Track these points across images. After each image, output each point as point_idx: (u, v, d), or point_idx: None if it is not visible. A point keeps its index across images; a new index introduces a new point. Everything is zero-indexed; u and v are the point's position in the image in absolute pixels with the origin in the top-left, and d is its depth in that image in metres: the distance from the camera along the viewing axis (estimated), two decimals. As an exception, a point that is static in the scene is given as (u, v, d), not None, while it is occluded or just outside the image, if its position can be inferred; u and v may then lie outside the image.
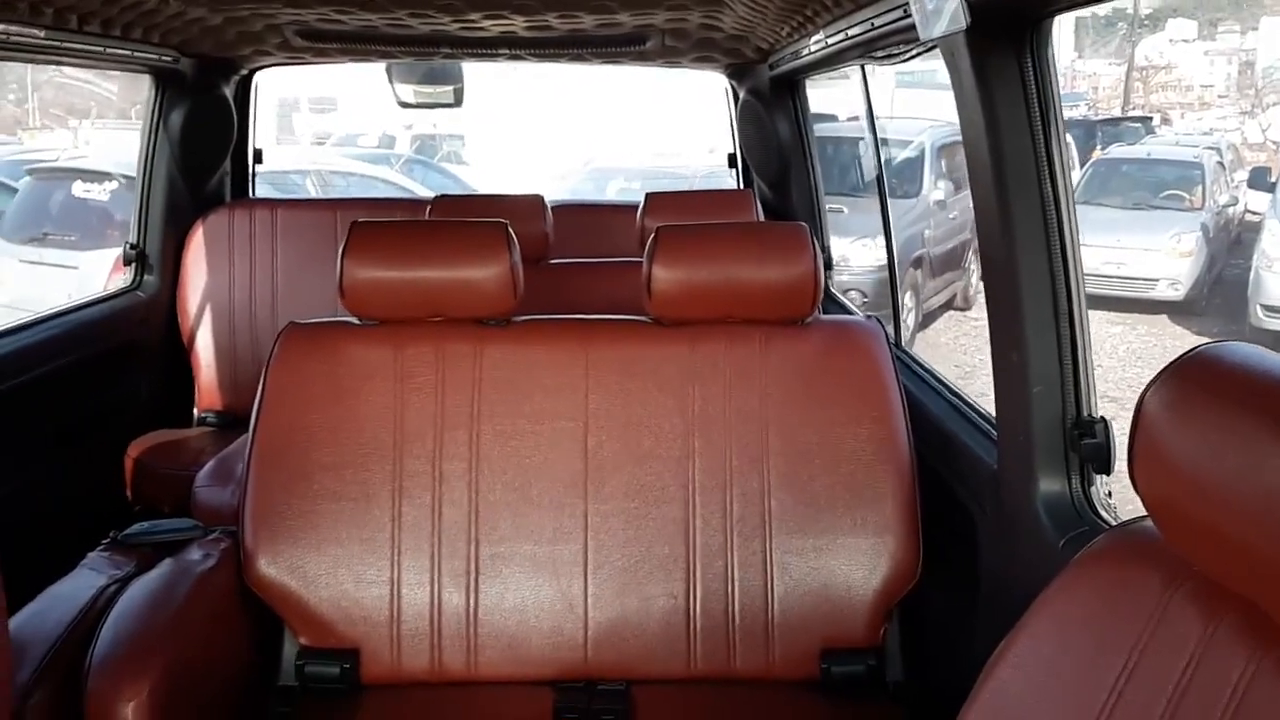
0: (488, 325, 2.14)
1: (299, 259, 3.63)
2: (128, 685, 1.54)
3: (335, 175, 8.66)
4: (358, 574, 2.01)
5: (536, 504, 2.06)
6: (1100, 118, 18.46)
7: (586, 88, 15.96)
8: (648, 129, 15.95)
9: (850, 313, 3.49)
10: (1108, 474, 1.70)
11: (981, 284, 1.86)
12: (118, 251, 6.50)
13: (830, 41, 2.49)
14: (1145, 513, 1.10)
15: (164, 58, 3.25)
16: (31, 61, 2.85)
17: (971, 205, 1.79)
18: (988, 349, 1.85)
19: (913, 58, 2.25)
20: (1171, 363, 1.07)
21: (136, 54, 3.08)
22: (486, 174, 13.20)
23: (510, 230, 2.13)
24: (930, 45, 1.79)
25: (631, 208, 3.41)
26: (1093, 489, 1.72)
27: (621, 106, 16.37)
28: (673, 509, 2.06)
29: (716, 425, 2.08)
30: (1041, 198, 1.64)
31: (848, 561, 2.03)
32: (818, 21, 2.51)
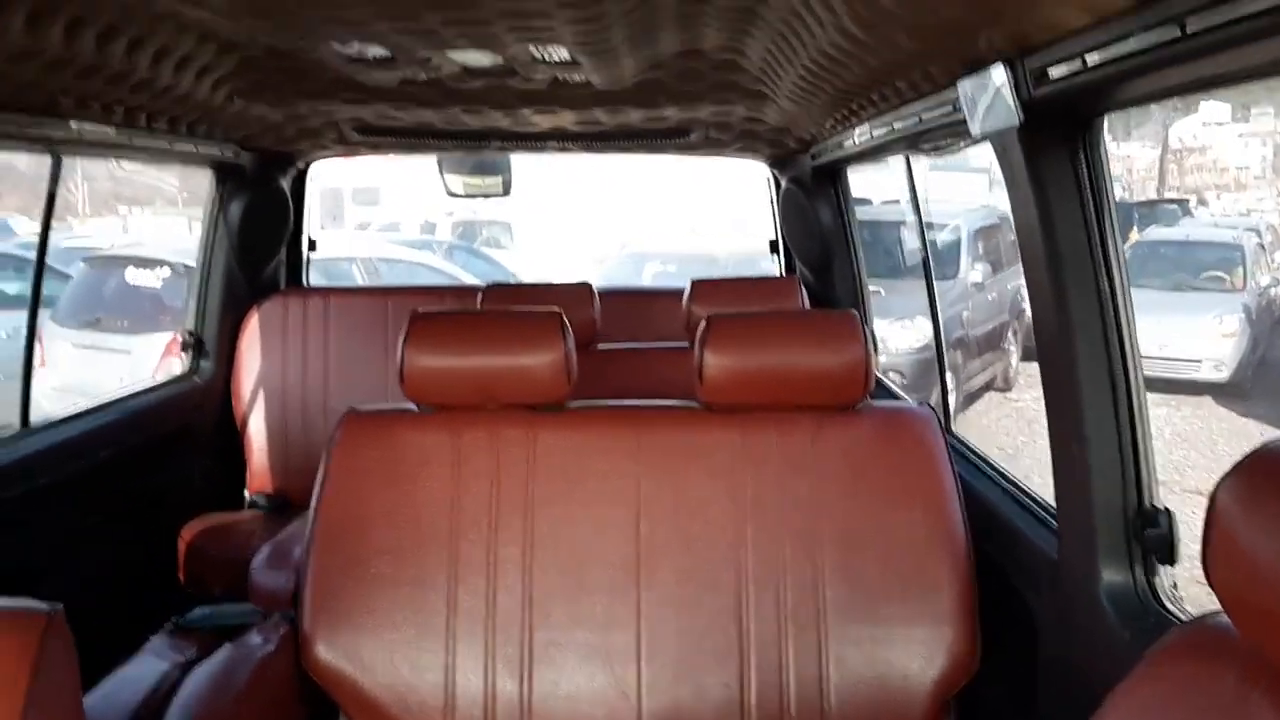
0: (542, 411, 2.17)
1: (350, 346, 3.70)
2: None
3: (381, 262, 8.83)
4: (413, 660, 2.02)
5: (590, 591, 2.06)
6: (1137, 200, 18.48)
7: (621, 172, 16.24)
8: (682, 211, 16.16)
9: (897, 397, 3.50)
10: (1172, 565, 1.69)
11: (1021, 365, 1.87)
12: (168, 336, 6.69)
13: (876, 134, 2.54)
14: (1218, 607, 1.10)
15: (225, 152, 3.37)
16: (101, 157, 2.97)
17: (1008, 287, 1.81)
18: (1030, 430, 1.86)
19: (960, 150, 2.29)
20: (1244, 458, 1.07)
21: (200, 149, 3.20)
22: (526, 258, 13.40)
23: (564, 319, 2.17)
24: (979, 139, 1.83)
25: (675, 293, 3.46)
26: (1157, 580, 1.70)
27: (655, 190, 16.62)
28: (726, 597, 2.05)
29: (769, 512, 2.08)
30: (1098, 290, 1.65)
31: (904, 652, 2.01)
32: (863, 115, 2.57)
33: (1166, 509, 1.68)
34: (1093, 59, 1.30)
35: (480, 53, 2.42)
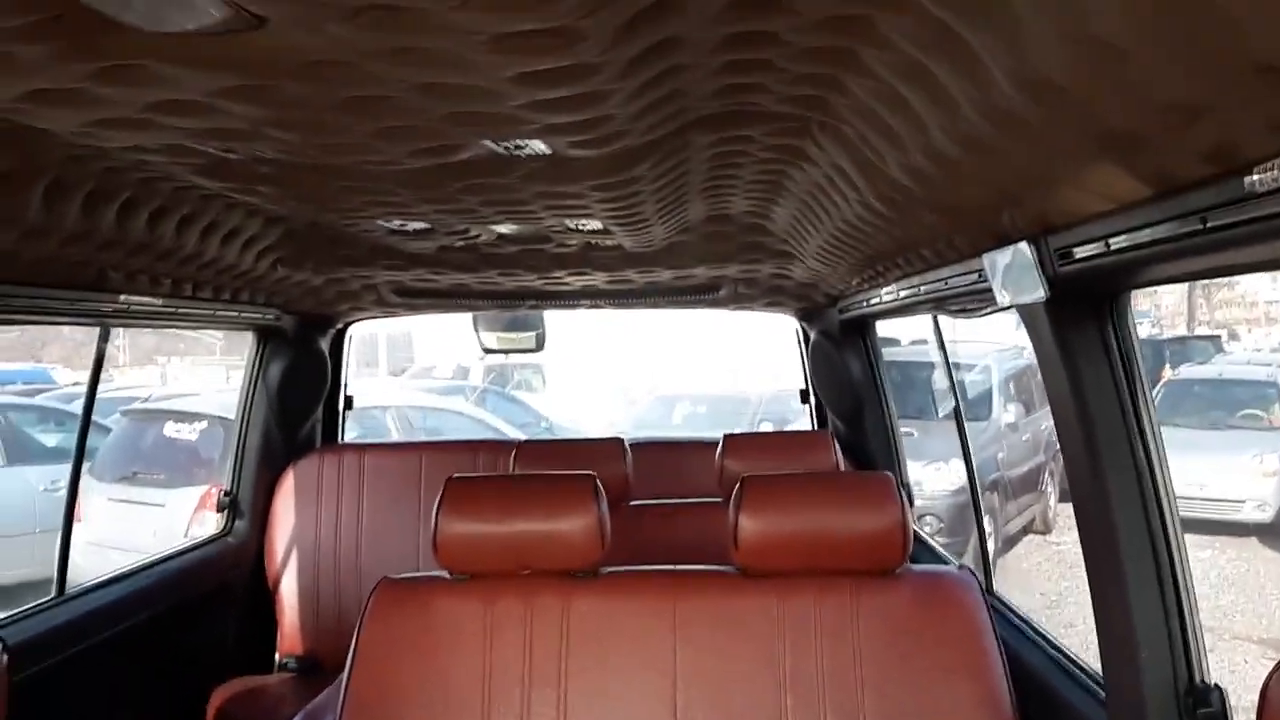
0: (576, 578, 2.16)
1: (384, 503, 3.71)
2: None
3: (413, 410, 8.93)
4: None
5: None
6: (1167, 336, 18.45)
7: (649, 318, 16.47)
8: (712, 352, 16.29)
9: (934, 551, 3.45)
10: (1228, 746, 1.63)
11: (1059, 506, 1.85)
12: (202, 490, 6.73)
13: (902, 295, 2.58)
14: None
15: (267, 316, 3.46)
16: (149, 326, 3.05)
17: (1042, 428, 1.81)
18: (1072, 574, 1.83)
19: (987, 314, 2.32)
20: None
21: (243, 314, 3.29)
22: (557, 401, 13.49)
23: (597, 482, 2.18)
24: (1006, 308, 1.86)
25: (708, 445, 3.47)
26: (1213, 761, 1.64)
27: (684, 332, 16.79)
28: None
29: (809, 683, 2.04)
30: (1134, 457, 1.65)
31: None
32: (889, 276, 2.61)
33: (1218, 686, 1.64)
34: (1116, 242, 1.33)
35: (517, 225, 2.51)
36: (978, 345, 10.48)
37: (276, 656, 3.58)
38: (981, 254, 1.82)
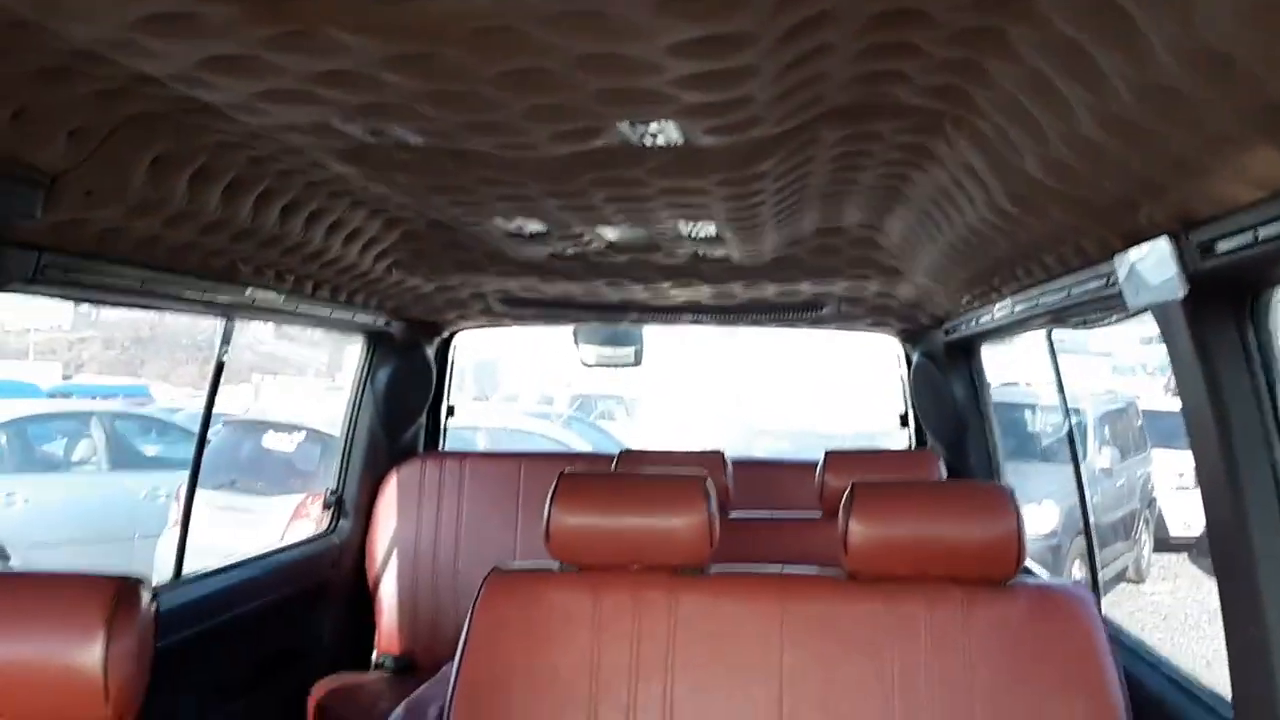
0: (684, 574, 2.17)
1: (483, 510, 3.76)
2: None
3: (503, 432, 9.05)
4: None
5: None
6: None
7: (734, 347, 16.46)
8: (794, 385, 16.19)
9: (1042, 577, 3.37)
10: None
11: (1153, 556, 1.80)
12: (298, 498, 6.88)
13: (1018, 310, 2.56)
14: None
15: (378, 320, 3.56)
16: (268, 320, 3.16)
17: (1137, 474, 1.77)
18: (1167, 625, 1.77)
19: (1110, 324, 2.29)
20: None
21: (355, 318, 3.39)
22: (638, 431, 13.53)
23: (708, 482, 2.19)
24: (1136, 312, 1.83)
25: (806, 465, 3.45)
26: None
27: (765, 365, 16.73)
28: None
29: (919, 691, 2.01)
30: (1273, 465, 1.61)
31: None
32: (1004, 291, 2.59)
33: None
34: (1265, 232, 1.31)
35: (631, 229, 2.55)
36: (1069, 390, 10.25)
37: (374, 655, 3.64)
38: (1111, 255, 1.79)
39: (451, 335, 4.12)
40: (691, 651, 2.09)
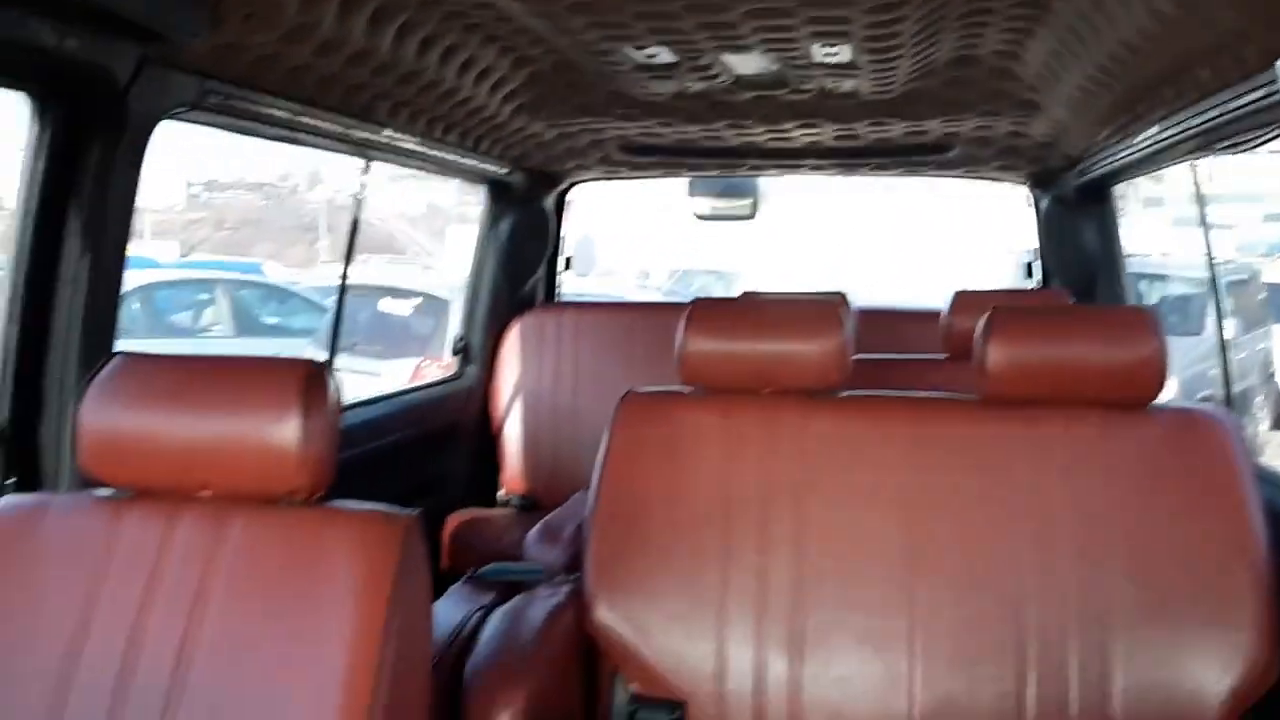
0: (816, 397, 2.20)
1: (599, 357, 3.85)
2: (502, 694, 1.66)
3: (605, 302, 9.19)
4: (688, 629, 2.06)
5: (862, 576, 2.06)
6: None
7: (837, 225, 16.20)
8: (896, 265, 15.92)
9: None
10: None
11: (1270, 434, 1.75)
12: (415, 361, 7.10)
13: (1163, 136, 2.47)
14: None
15: (500, 169, 3.61)
16: (398, 163, 3.23)
17: (1258, 349, 1.71)
18: None
19: (1262, 144, 2.20)
20: None
21: (480, 165, 3.45)
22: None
23: (843, 306, 2.20)
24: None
25: (930, 314, 3.43)
26: None
27: (868, 239, 16.44)
28: (1004, 594, 2.00)
29: (1052, 514, 2.03)
30: None
31: (1197, 660, 1.91)
32: (1150, 118, 2.50)
33: None
34: None
35: (761, 57, 2.52)
36: (1180, 257, 9.86)
37: (500, 493, 3.81)
38: (1273, 63, 1.72)
39: (569, 188, 4.16)
40: (822, 472, 2.13)
